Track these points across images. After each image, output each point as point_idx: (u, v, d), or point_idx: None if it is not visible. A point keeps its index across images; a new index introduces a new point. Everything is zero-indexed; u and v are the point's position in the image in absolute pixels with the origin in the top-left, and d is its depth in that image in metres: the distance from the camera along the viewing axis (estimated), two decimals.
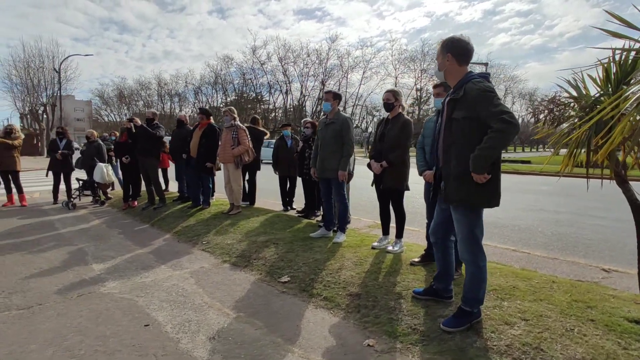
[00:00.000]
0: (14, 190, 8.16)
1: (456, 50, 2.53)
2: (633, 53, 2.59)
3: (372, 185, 4.39)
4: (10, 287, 3.61)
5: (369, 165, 4.27)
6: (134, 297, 3.39)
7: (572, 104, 3.06)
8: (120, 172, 8.16)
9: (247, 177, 7.31)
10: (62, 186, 8.44)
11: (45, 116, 39.76)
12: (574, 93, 3.04)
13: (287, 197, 7.23)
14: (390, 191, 4.13)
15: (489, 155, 2.31)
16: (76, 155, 8.70)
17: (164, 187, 9.09)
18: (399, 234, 4.26)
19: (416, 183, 4.09)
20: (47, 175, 8.48)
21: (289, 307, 3.19)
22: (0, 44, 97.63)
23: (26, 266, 4.24)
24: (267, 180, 7.37)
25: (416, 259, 3.76)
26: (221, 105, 53.02)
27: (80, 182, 8.49)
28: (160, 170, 8.47)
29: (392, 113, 4.08)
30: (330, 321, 2.94)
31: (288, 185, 7.13)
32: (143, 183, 7.62)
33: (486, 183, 2.40)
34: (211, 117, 6.96)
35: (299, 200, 7.08)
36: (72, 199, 8.11)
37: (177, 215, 6.62)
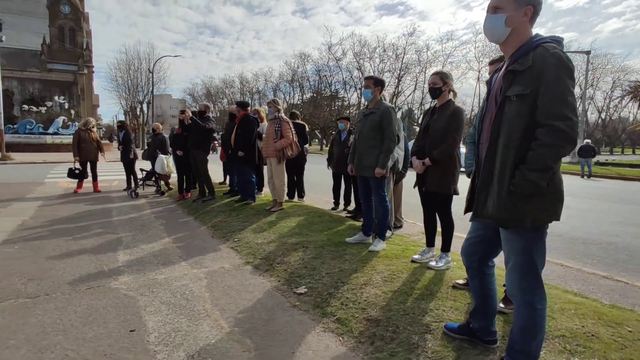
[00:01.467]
0: (90, 177, 8.84)
1: (539, 4, 1.80)
2: None
3: (414, 187, 3.69)
4: (32, 273, 3.64)
5: (411, 164, 3.59)
6: (137, 296, 3.17)
7: None
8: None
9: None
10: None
11: (141, 113, 44.21)
12: None
13: (339, 195, 6.79)
14: (434, 195, 3.40)
15: (541, 177, 1.65)
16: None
17: (222, 180, 9.22)
18: (446, 247, 3.50)
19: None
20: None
21: (293, 327, 2.69)
22: (114, 49, 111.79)
23: (60, 252, 4.32)
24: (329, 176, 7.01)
25: (461, 281, 3.00)
26: (298, 102, 54.14)
27: (144, 172, 8.89)
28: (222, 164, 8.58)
29: (439, 100, 3.34)
30: (335, 351, 2.38)
31: (344, 184, 6.64)
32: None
33: (547, 187, 1.67)
34: (248, 109, 6.69)
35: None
36: (134, 189, 8.51)
37: (221, 209, 6.49)
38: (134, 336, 2.52)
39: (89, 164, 8.77)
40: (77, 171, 8.52)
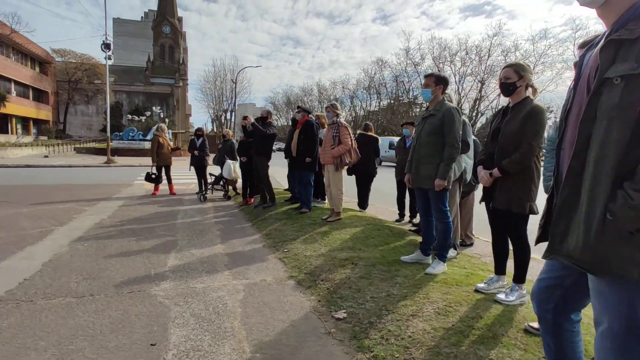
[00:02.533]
0: (165, 180, 9.43)
1: None
2: None
3: (480, 202, 3.11)
4: (88, 272, 3.78)
5: (476, 175, 3.03)
6: (171, 305, 3.08)
7: None
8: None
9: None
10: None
11: (226, 120, 47.41)
12: None
13: (404, 206, 6.33)
14: (504, 213, 2.80)
15: None
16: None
17: (288, 186, 9.20)
18: (519, 277, 2.86)
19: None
20: (190, 170, 9.53)
21: None
22: (207, 63, 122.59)
23: (120, 252, 4.49)
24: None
25: (537, 324, 2.38)
26: (375, 109, 53.54)
27: (213, 177, 9.22)
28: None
29: (513, 98, 2.75)
30: None
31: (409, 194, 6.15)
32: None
33: None
34: (310, 115, 6.48)
35: None
36: (204, 192, 8.85)
37: (279, 216, 6.37)
38: (153, 351, 2.38)
39: (163, 168, 9.34)
40: (153, 175, 9.14)
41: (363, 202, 6.96)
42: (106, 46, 20.60)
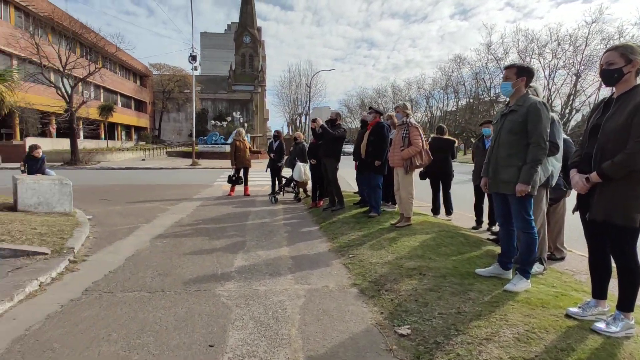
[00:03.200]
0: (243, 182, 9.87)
1: None
2: None
3: (573, 212, 2.65)
4: (163, 268, 4.02)
5: (568, 180, 2.59)
6: (233, 306, 3.10)
7: None
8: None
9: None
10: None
11: (299, 124, 48.73)
12: None
13: (482, 212, 5.85)
14: (604, 226, 2.33)
15: None
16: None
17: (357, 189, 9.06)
18: (626, 305, 2.36)
19: None
20: (266, 172, 9.86)
21: None
22: (284, 69, 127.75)
23: (193, 250, 4.71)
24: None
25: None
26: (453, 109, 51.00)
27: (284, 179, 9.40)
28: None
29: (618, 87, 2.28)
30: None
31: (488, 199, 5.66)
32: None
33: None
34: (382, 116, 6.23)
35: None
36: (275, 194, 9.07)
37: (346, 220, 6.24)
38: (210, 353, 2.39)
39: (242, 170, 9.79)
40: (234, 177, 9.64)
41: (448, 207, 6.57)
42: (193, 58, 22.38)
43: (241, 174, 9.88)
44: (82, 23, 27.48)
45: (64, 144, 24.89)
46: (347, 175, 11.44)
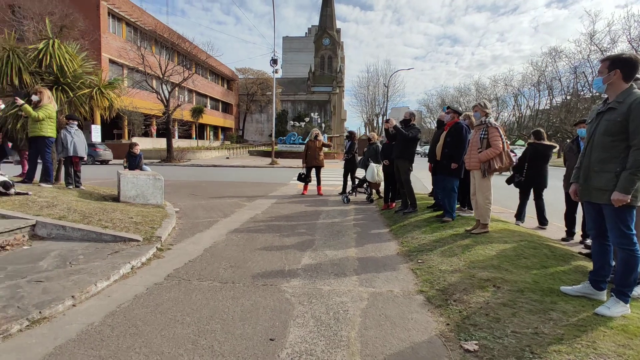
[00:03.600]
0: (314, 181, 10.07)
1: None
2: None
3: None
4: (235, 261, 4.25)
5: None
6: (296, 303, 3.17)
7: None
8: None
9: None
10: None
11: (377, 125, 48.24)
12: None
13: (574, 222, 5.27)
14: None
15: None
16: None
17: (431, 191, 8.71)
18: None
19: None
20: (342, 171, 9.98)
21: None
22: (362, 69, 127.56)
23: (263, 246, 4.91)
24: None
25: None
26: (546, 107, 46.35)
27: (357, 179, 9.37)
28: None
29: None
30: None
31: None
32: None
33: None
34: (459, 116, 5.87)
35: None
36: (348, 194, 9.08)
37: (418, 224, 6.02)
38: (270, 346, 2.47)
39: (313, 169, 9.99)
40: (303, 176, 9.89)
41: (542, 219, 6.00)
42: (274, 62, 23.41)
43: (314, 173, 10.08)
44: (179, 34, 30.41)
45: (162, 143, 27.80)
46: (422, 176, 11.04)
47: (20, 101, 6.42)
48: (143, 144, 24.15)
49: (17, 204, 5.24)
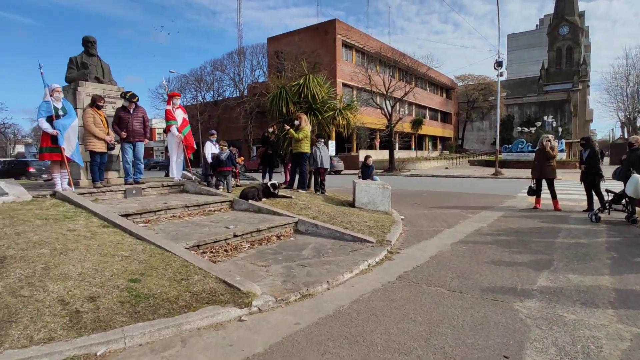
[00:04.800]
0: (548, 195, 8.81)
1: None
2: None
3: None
4: (462, 271, 4.27)
5: None
6: (532, 325, 2.95)
7: None
8: None
9: None
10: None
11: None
12: None
13: None
14: None
15: None
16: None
17: None
18: None
19: None
20: (580, 184, 8.45)
21: None
22: (617, 56, 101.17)
23: (491, 260, 4.70)
24: None
25: None
26: None
27: (610, 194, 7.61)
28: None
29: None
30: None
31: None
32: None
33: None
34: None
35: None
36: (598, 211, 7.51)
37: None
38: None
39: (545, 181, 8.74)
40: (533, 188, 8.81)
41: None
42: (498, 64, 21.67)
43: (545, 186, 8.81)
44: (401, 52, 32.26)
45: (384, 154, 30.05)
46: None
47: (287, 127, 8.40)
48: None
49: (285, 205, 6.86)
